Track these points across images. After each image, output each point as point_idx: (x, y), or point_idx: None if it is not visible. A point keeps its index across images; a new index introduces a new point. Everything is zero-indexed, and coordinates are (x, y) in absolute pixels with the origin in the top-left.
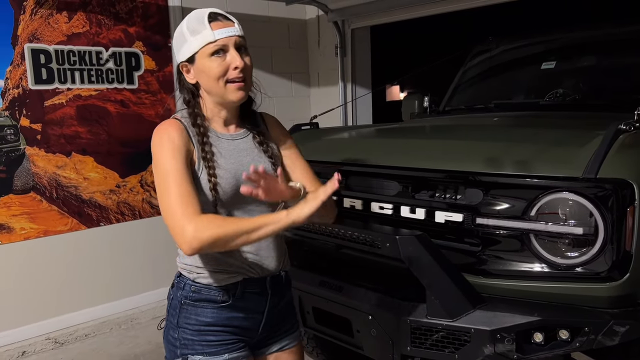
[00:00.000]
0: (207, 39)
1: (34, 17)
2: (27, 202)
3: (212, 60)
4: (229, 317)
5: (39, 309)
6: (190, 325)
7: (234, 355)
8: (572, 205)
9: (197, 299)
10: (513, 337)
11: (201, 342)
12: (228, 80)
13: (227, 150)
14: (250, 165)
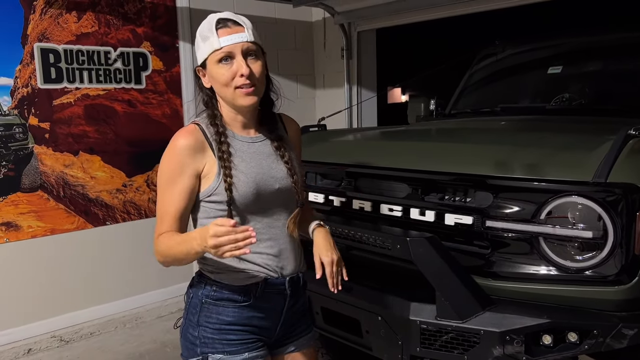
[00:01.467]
0: (213, 46)
1: (43, 16)
2: (34, 201)
3: (220, 67)
4: (249, 317)
5: (44, 307)
6: (211, 324)
7: (253, 355)
8: (582, 209)
9: (219, 298)
10: (522, 339)
11: (222, 340)
12: (236, 86)
13: (247, 154)
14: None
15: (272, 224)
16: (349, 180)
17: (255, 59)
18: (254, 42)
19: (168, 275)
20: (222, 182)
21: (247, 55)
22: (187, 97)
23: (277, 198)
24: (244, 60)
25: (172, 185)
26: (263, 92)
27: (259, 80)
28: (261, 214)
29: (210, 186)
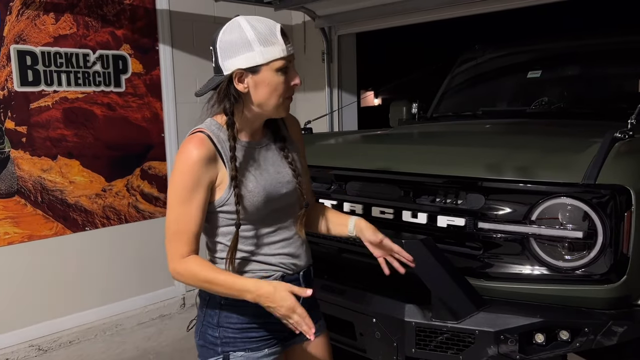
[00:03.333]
0: (280, 53)
1: (20, 17)
2: (11, 206)
3: (278, 75)
4: (268, 314)
5: (22, 315)
6: (232, 324)
7: (272, 350)
8: (572, 210)
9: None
10: (516, 338)
11: (243, 339)
12: (286, 96)
13: (254, 161)
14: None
15: (282, 225)
16: (339, 183)
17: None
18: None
19: (149, 281)
20: (232, 193)
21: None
22: (167, 100)
23: (285, 201)
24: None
25: (188, 200)
26: None
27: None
28: (271, 218)
29: (222, 197)
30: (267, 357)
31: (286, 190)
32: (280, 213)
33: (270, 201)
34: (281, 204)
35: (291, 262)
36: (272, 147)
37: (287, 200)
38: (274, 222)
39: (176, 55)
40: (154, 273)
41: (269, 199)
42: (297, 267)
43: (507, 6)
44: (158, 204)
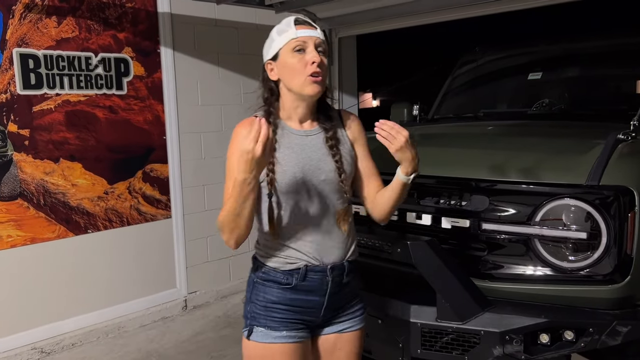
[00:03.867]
0: (290, 36)
1: (23, 21)
2: (13, 209)
3: (294, 55)
4: (292, 298)
5: (25, 318)
6: (259, 301)
7: (291, 333)
8: (576, 211)
9: (266, 279)
10: (521, 338)
11: (266, 316)
12: (308, 74)
13: (298, 146)
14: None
15: (316, 213)
16: None
17: (323, 55)
18: (323, 40)
19: (150, 283)
20: (265, 173)
21: (318, 49)
22: (169, 102)
23: (322, 190)
24: (316, 51)
25: (232, 165)
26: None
27: (324, 73)
28: (305, 203)
29: (262, 174)
30: (284, 338)
31: (325, 178)
32: (314, 201)
33: (305, 184)
34: (317, 191)
35: (317, 253)
36: (321, 138)
37: (325, 188)
38: (306, 209)
39: (177, 58)
40: (156, 275)
41: (303, 182)
42: (324, 259)
43: (506, 8)
44: (160, 207)
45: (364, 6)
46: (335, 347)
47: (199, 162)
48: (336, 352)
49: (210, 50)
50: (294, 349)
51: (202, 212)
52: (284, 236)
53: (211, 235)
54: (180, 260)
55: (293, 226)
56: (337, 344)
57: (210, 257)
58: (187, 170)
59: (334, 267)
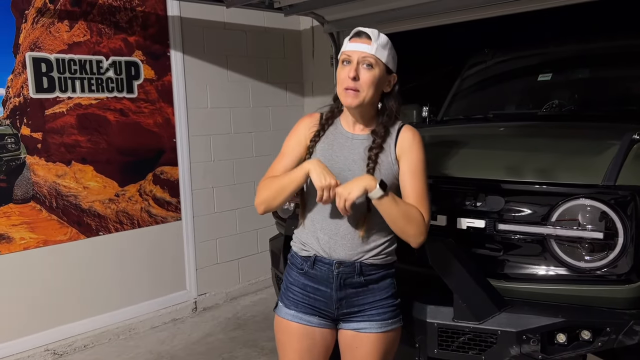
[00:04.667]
0: (342, 49)
1: (35, 25)
2: (26, 212)
3: (342, 67)
4: (304, 284)
5: (37, 320)
6: (285, 279)
7: (299, 315)
8: (592, 211)
9: (291, 262)
10: (538, 338)
11: (286, 293)
12: (343, 87)
13: (339, 144)
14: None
15: (335, 209)
16: None
17: (368, 69)
18: (374, 55)
19: (160, 285)
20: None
21: (362, 64)
22: (179, 105)
23: None
24: (357, 66)
25: (286, 147)
26: (368, 99)
27: (363, 87)
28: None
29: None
30: (292, 316)
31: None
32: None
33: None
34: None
35: (327, 247)
36: (365, 144)
37: None
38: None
39: (187, 61)
40: (166, 277)
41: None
42: (333, 253)
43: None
44: (170, 209)
45: (371, 9)
46: (353, 344)
47: (208, 164)
48: (353, 350)
49: (220, 53)
50: (299, 329)
51: (211, 214)
52: (307, 224)
53: (220, 237)
54: (190, 262)
55: (315, 216)
56: (355, 341)
57: (219, 259)
58: (197, 172)
59: (341, 263)
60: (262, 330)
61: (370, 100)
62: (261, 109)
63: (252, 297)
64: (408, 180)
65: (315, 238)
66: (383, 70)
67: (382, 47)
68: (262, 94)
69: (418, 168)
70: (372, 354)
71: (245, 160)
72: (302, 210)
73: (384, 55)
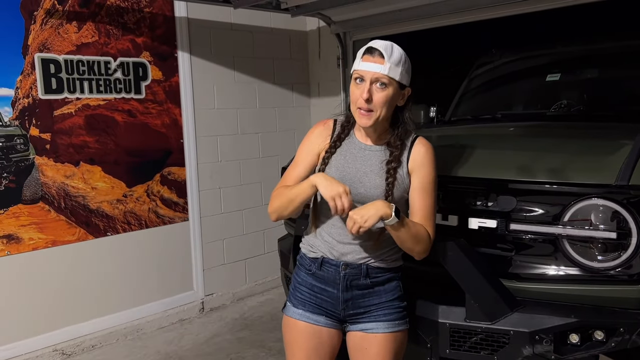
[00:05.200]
0: (354, 66)
1: (44, 27)
2: (35, 212)
3: (354, 85)
4: (312, 284)
5: (46, 320)
6: (294, 280)
7: (306, 314)
8: (605, 211)
9: (300, 262)
10: (551, 338)
11: (295, 294)
12: (357, 106)
13: (351, 154)
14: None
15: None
16: None
17: (381, 89)
18: (387, 75)
19: (168, 286)
20: (318, 170)
21: (376, 83)
22: (186, 106)
23: (358, 201)
24: (370, 87)
25: (300, 155)
26: (382, 118)
27: (377, 106)
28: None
29: (317, 168)
30: (299, 315)
31: (363, 192)
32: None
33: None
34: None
35: (337, 250)
36: (380, 157)
37: (358, 200)
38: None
39: (194, 62)
40: (173, 278)
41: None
42: (341, 256)
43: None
44: (177, 209)
45: (378, 9)
46: (362, 345)
47: (215, 165)
48: (363, 350)
49: (226, 54)
50: (306, 328)
51: (218, 214)
52: (316, 227)
53: (227, 238)
54: (197, 263)
55: (325, 220)
56: (364, 342)
57: (226, 260)
58: (204, 173)
59: (347, 265)
60: (270, 331)
61: (383, 118)
62: (268, 110)
63: (259, 298)
64: (417, 197)
65: (323, 241)
66: (396, 88)
67: (395, 65)
68: (269, 95)
69: (429, 185)
70: (381, 354)
71: (251, 161)
72: (312, 215)
73: (397, 74)
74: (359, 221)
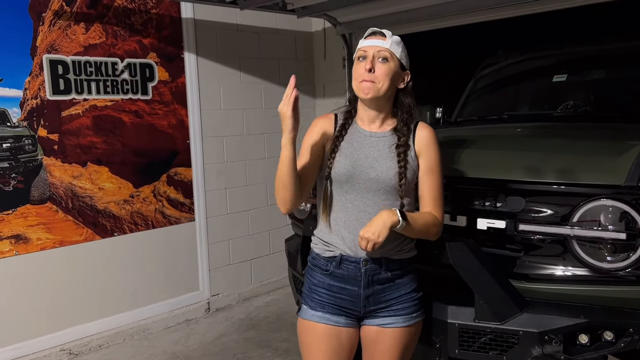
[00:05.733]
0: (358, 46)
1: (52, 28)
2: (43, 213)
3: (357, 63)
4: (330, 284)
5: (53, 320)
6: (308, 282)
7: (326, 316)
8: (615, 212)
9: (313, 263)
10: (560, 338)
11: (310, 296)
12: (359, 79)
13: (358, 142)
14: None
15: (361, 208)
16: None
17: (383, 63)
18: (389, 49)
19: (174, 286)
20: (327, 158)
21: (378, 58)
22: (192, 107)
23: (371, 187)
24: (372, 60)
25: (304, 148)
26: (384, 91)
27: (379, 79)
28: (353, 196)
29: (325, 156)
30: (319, 318)
31: (375, 176)
32: (360, 195)
33: (353, 178)
34: (365, 187)
35: (353, 245)
36: (386, 142)
37: (373, 186)
38: (354, 200)
39: (201, 63)
40: (180, 278)
41: (351, 175)
42: (357, 251)
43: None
44: (184, 210)
45: (384, 10)
46: (376, 339)
47: (221, 165)
48: (377, 344)
49: (232, 55)
50: (326, 330)
51: (224, 215)
52: (330, 224)
53: (233, 238)
54: (203, 263)
55: (338, 215)
56: (379, 336)
57: (232, 260)
58: (210, 173)
59: (367, 261)
60: (276, 331)
61: (385, 92)
62: (273, 111)
63: (264, 298)
64: (426, 179)
65: (340, 237)
66: (397, 65)
67: (396, 44)
68: (274, 96)
69: (435, 167)
70: (394, 347)
71: (257, 161)
72: (322, 211)
73: (398, 51)
74: (372, 238)
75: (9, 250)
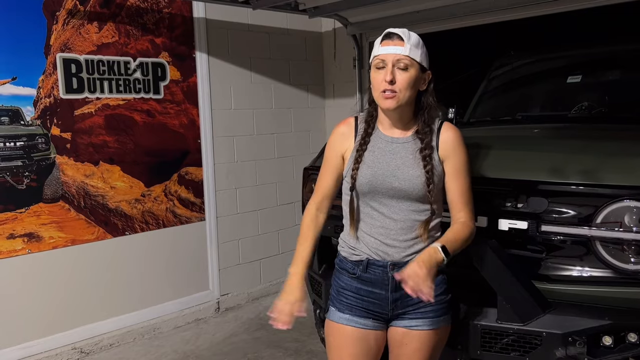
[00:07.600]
0: (374, 53)
1: (66, 27)
2: (56, 211)
3: (375, 72)
4: (358, 287)
5: (65, 318)
6: (335, 284)
7: (354, 318)
8: (638, 213)
9: (340, 266)
10: (584, 340)
11: (338, 298)
12: (380, 90)
13: (380, 150)
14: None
15: (387, 214)
16: None
17: (403, 71)
18: (408, 56)
19: (184, 285)
20: (350, 169)
21: (397, 66)
22: (204, 106)
23: (394, 195)
24: (392, 69)
25: (326, 162)
26: (406, 100)
27: (401, 88)
28: (378, 203)
29: (345, 169)
30: (347, 320)
31: (398, 185)
32: (388, 203)
33: (375, 187)
34: (389, 195)
35: (382, 250)
36: (409, 147)
37: (397, 194)
38: (379, 207)
39: (212, 63)
40: (190, 277)
41: (374, 184)
42: (387, 256)
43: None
44: (194, 209)
45: (396, 10)
46: (402, 341)
47: (231, 165)
48: (403, 346)
49: (243, 55)
50: (353, 333)
51: (234, 214)
52: (355, 231)
53: (243, 238)
54: (213, 263)
55: (363, 224)
56: (405, 338)
57: (241, 260)
58: (220, 173)
59: (395, 265)
60: (286, 331)
61: (407, 100)
62: (283, 111)
63: (273, 298)
64: (454, 182)
65: (365, 243)
66: (418, 70)
67: (414, 47)
68: (284, 96)
69: (463, 168)
70: (421, 350)
71: (267, 161)
72: (347, 218)
73: (418, 55)
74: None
75: (21, 249)
